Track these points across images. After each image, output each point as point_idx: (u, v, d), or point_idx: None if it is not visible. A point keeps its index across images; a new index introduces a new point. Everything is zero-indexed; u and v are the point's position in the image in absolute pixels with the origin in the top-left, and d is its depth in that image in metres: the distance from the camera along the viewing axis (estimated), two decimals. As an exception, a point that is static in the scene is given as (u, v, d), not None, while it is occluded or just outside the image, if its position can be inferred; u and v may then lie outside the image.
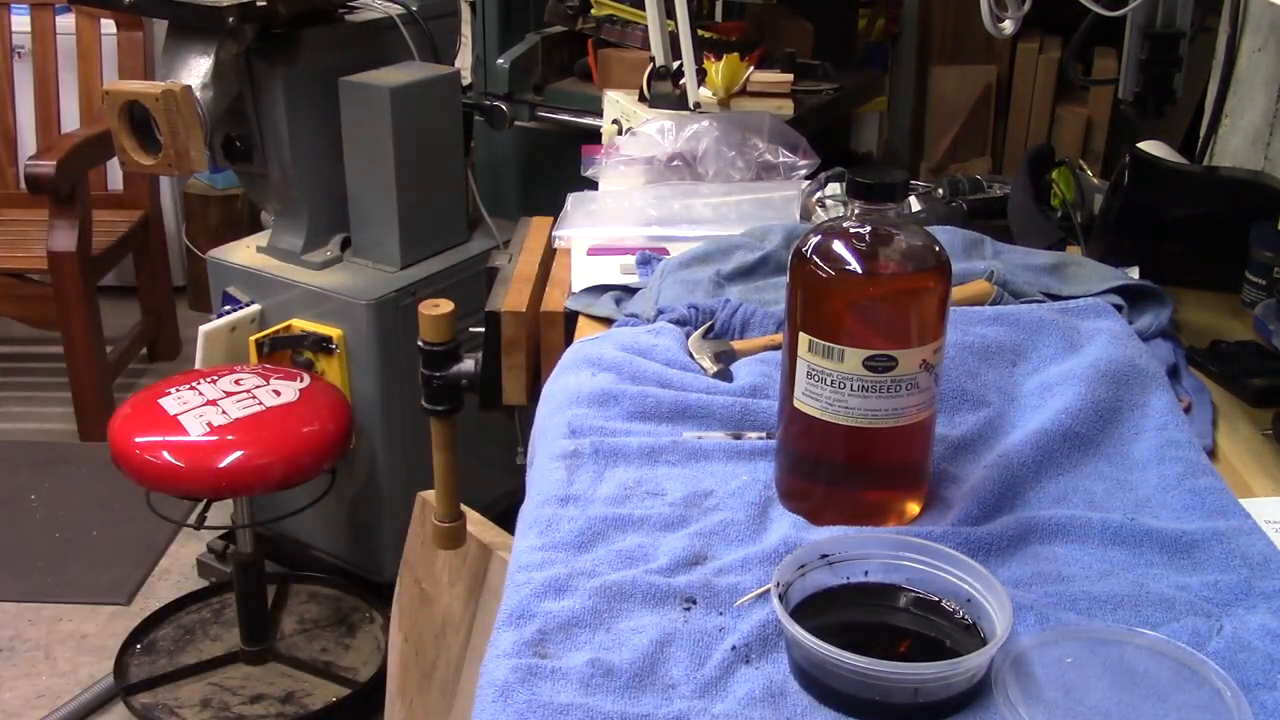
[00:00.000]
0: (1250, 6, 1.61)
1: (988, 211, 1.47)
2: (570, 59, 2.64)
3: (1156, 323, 1.19)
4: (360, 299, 2.30)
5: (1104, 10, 1.39)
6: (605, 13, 2.46)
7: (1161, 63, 1.43)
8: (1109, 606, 0.79)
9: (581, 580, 0.82)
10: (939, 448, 0.95)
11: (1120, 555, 0.85)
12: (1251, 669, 0.73)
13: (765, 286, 1.27)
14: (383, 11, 2.44)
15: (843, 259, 0.84)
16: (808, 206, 1.55)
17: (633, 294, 1.30)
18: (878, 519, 0.89)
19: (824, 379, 0.85)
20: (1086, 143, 3.06)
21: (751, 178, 1.66)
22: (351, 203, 2.41)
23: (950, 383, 1.03)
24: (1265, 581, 0.81)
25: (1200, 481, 0.93)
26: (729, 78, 1.90)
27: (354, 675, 2.30)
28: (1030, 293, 1.23)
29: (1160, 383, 1.04)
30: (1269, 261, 1.28)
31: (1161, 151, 1.45)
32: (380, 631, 2.41)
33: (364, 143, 2.32)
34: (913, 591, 0.79)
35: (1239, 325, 1.26)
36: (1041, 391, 1.04)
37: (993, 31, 1.47)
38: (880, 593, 0.80)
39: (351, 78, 2.30)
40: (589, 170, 1.70)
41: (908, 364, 0.83)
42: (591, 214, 1.54)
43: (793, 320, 0.87)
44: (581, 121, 2.49)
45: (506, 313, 1.32)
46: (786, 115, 1.94)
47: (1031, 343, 1.10)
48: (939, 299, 0.85)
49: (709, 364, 1.10)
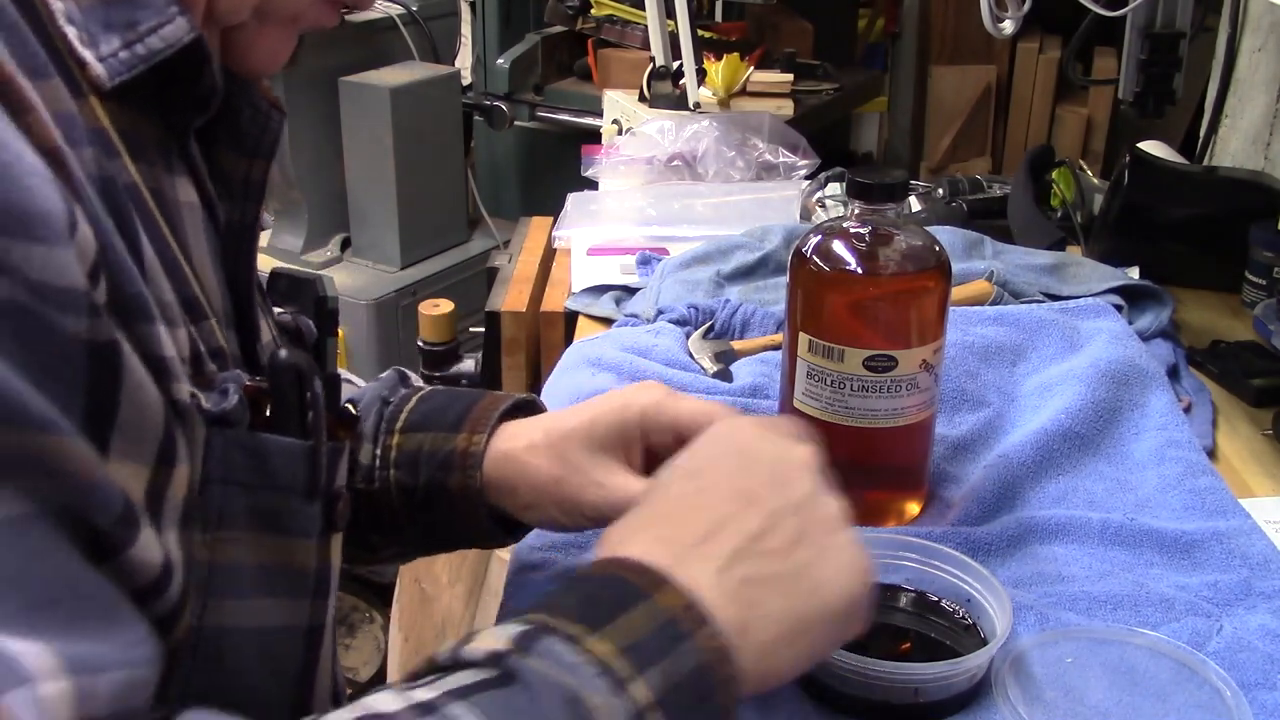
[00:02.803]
0: (1250, 6, 1.61)
1: (988, 211, 1.47)
2: (570, 59, 2.64)
3: (1156, 323, 1.19)
4: (360, 299, 2.30)
5: (1104, 10, 1.39)
6: (605, 13, 2.46)
7: (1161, 63, 1.42)
8: (1109, 606, 0.79)
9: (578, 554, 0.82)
10: (939, 448, 0.95)
11: (1120, 555, 0.85)
12: (1251, 669, 0.73)
13: (765, 286, 1.27)
14: (383, 11, 2.44)
15: (843, 259, 0.84)
16: (808, 206, 1.55)
17: (633, 294, 1.30)
18: (878, 519, 0.89)
19: (824, 379, 0.85)
20: (1086, 143, 3.06)
21: (751, 178, 1.66)
22: (351, 203, 2.41)
23: (950, 383, 1.03)
24: (1265, 581, 0.81)
25: (1200, 481, 0.93)
26: (729, 78, 1.90)
27: (354, 675, 2.31)
28: (1030, 293, 1.23)
29: (1160, 383, 1.04)
30: (1269, 261, 1.28)
31: (1161, 151, 1.45)
32: (380, 631, 2.41)
33: (364, 143, 2.32)
34: (913, 591, 0.79)
35: (1239, 325, 1.26)
36: (1041, 391, 1.04)
37: (993, 31, 1.47)
38: (880, 593, 0.80)
39: (351, 78, 2.30)
40: (589, 170, 1.70)
41: (908, 364, 0.83)
42: (591, 214, 1.54)
43: (793, 320, 0.87)
44: (581, 121, 2.49)
45: (506, 313, 1.32)
46: (786, 115, 1.94)
47: (1031, 343, 1.10)
48: (939, 299, 0.85)
49: (709, 364, 1.10)
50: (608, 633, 0.50)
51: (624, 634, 0.50)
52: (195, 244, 0.55)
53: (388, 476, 0.79)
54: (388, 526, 0.80)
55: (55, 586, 0.41)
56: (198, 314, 0.53)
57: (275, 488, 0.56)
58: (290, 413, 0.56)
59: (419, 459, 0.78)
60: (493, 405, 0.79)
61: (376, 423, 0.80)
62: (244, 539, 0.54)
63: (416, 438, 0.79)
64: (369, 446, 0.79)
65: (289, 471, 0.56)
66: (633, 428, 0.75)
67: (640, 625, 0.51)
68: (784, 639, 0.55)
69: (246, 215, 0.60)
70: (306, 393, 0.57)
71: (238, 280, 0.59)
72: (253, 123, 0.60)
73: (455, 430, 0.78)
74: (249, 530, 0.55)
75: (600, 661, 0.49)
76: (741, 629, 0.53)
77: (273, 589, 0.57)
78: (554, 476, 0.74)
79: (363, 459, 0.79)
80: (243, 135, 0.60)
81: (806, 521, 0.59)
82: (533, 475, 0.75)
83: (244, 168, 0.60)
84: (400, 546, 0.83)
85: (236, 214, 0.60)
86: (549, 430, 0.76)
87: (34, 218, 0.41)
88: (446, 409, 0.79)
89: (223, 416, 0.52)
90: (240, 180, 0.60)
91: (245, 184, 0.60)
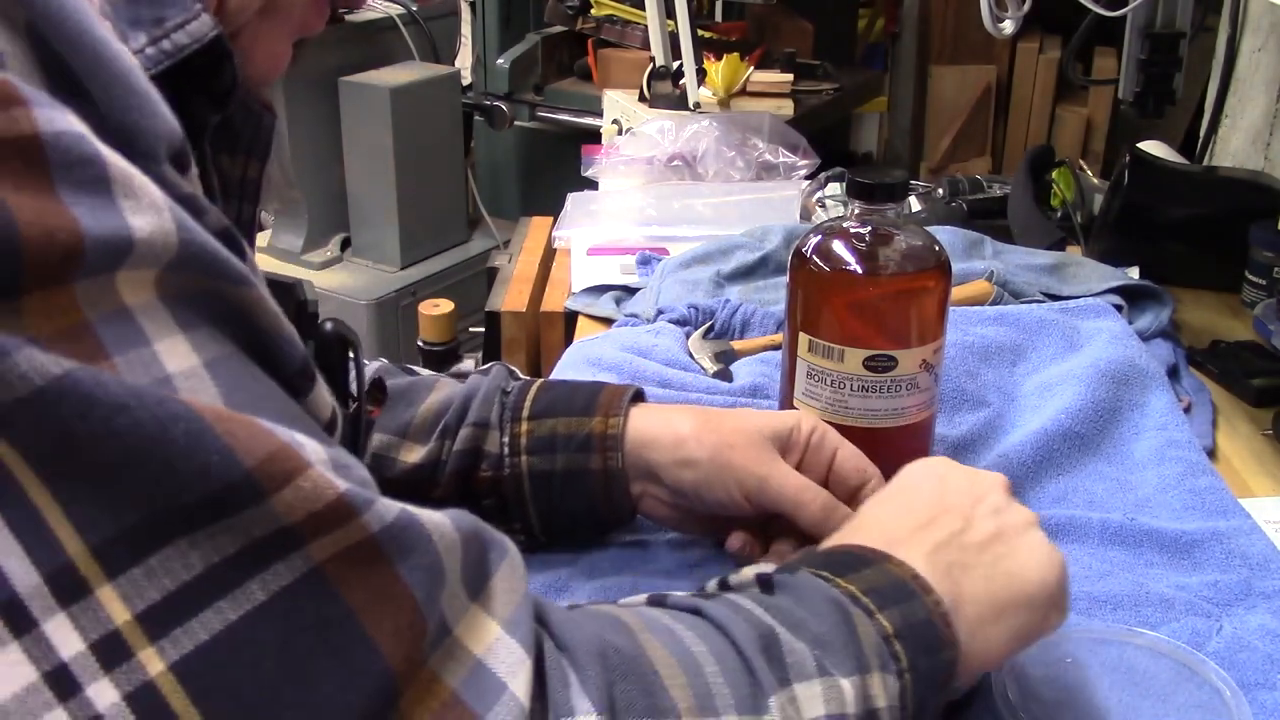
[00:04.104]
0: (1250, 6, 1.61)
1: (988, 211, 1.47)
2: (570, 59, 2.64)
3: (1156, 323, 1.19)
4: (360, 299, 2.31)
5: (1104, 10, 1.39)
6: (605, 13, 2.46)
7: (1161, 63, 1.42)
8: (1109, 606, 0.79)
9: (581, 581, 0.82)
10: (939, 448, 0.95)
11: (1120, 555, 0.85)
12: (1251, 669, 0.73)
13: (765, 286, 1.27)
14: (383, 11, 2.45)
15: (843, 259, 0.84)
16: (808, 206, 1.55)
17: (633, 294, 1.30)
18: (878, 519, 0.89)
19: (824, 379, 0.85)
20: (1086, 143, 3.07)
21: (751, 178, 1.66)
22: (351, 203, 2.41)
23: (950, 383, 1.03)
24: (1265, 581, 0.81)
25: (1200, 481, 0.92)
26: (729, 78, 1.90)
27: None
28: (1030, 293, 1.23)
29: (1160, 383, 1.04)
30: (1269, 261, 1.28)
31: (1161, 151, 1.45)
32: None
33: (364, 143, 2.32)
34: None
35: (1239, 325, 1.26)
36: (1041, 391, 1.04)
37: (993, 31, 1.47)
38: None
39: (351, 78, 2.30)
40: (589, 170, 1.70)
41: (908, 364, 0.83)
42: (591, 214, 1.54)
43: (793, 320, 0.87)
44: (581, 121, 2.49)
45: (506, 313, 1.32)
46: (786, 115, 1.94)
47: (1031, 343, 1.10)
48: (939, 299, 0.85)
49: (709, 364, 1.10)
50: (853, 579, 0.58)
51: (866, 581, 0.58)
52: None
53: (519, 463, 0.81)
54: (513, 514, 0.82)
55: (290, 407, 0.46)
56: None
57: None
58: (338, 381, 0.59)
59: (555, 443, 0.80)
60: (618, 393, 0.82)
61: (500, 412, 0.82)
62: None
63: (548, 423, 0.81)
64: (495, 435, 0.81)
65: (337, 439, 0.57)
66: (801, 435, 0.79)
67: (877, 579, 0.58)
68: (989, 618, 0.61)
69: (244, 215, 0.61)
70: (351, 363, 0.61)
71: None
72: (245, 124, 0.61)
73: (588, 414, 0.80)
74: None
75: (851, 593, 0.56)
76: (954, 603, 0.59)
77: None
78: (716, 443, 0.77)
79: (489, 447, 0.81)
80: (236, 136, 0.61)
81: (1000, 523, 0.65)
82: (696, 448, 0.77)
83: (239, 168, 0.61)
84: (520, 535, 0.83)
85: (233, 213, 0.61)
86: (699, 412, 0.81)
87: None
88: (572, 396, 0.82)
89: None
90: (236, 180, 0.61)
91: (241, 184, 0.61)
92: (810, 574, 0.58)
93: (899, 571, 0.59)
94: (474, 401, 0.83)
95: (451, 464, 0.82)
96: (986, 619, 0.60)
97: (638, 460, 0.79)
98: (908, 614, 0.56)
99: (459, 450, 0.82)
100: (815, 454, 0.79)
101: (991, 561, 0.62)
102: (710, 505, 0.78)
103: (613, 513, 0.82)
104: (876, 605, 0.56)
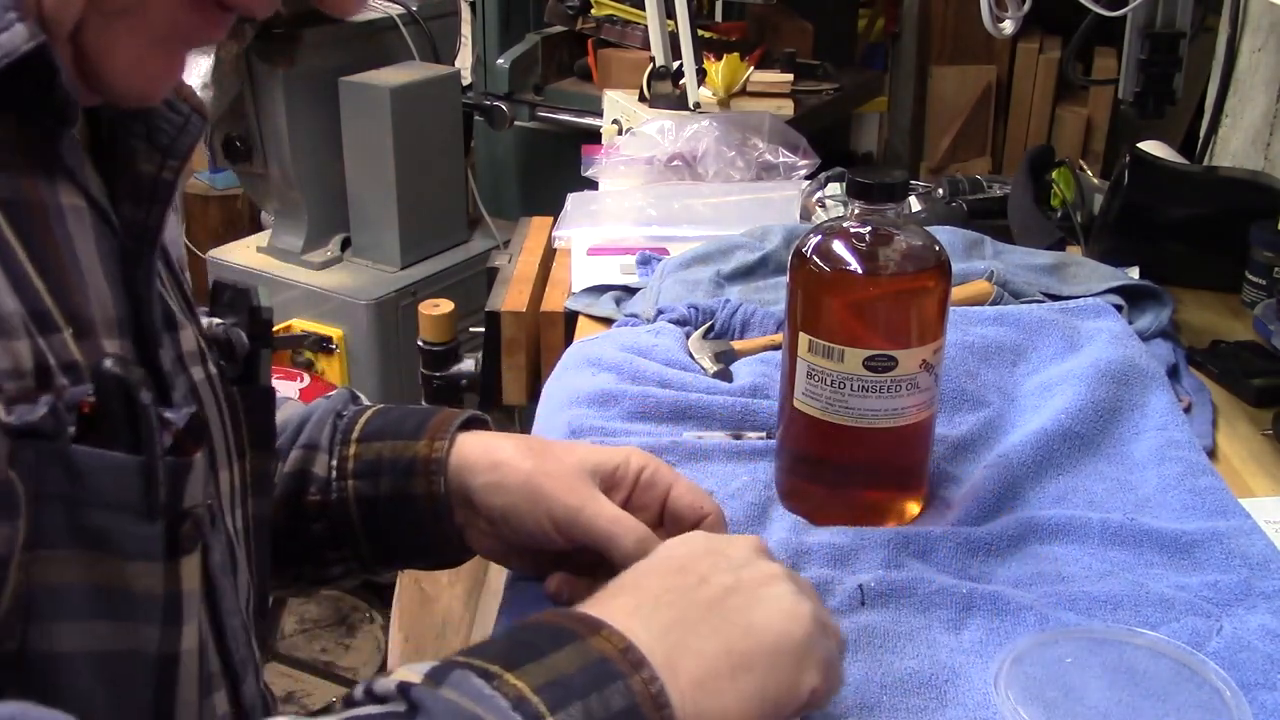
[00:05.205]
0: (1250, 6, 1.61)
1: (988, 211, 1.47)
2: (570, 59, 2.64)
3: (1156, 323, 1.19)
4: (360, 299, 2.31)
5: (1104, 10, 1.39)
6: (605, 13, 2.46)
7: (1161, 63, 1.42)
8: (1109, 606, 0.79)
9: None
10: (939, 448, 0.95)
11: (1120, 555, 0.85)
12: (1251, 669, 0.73)
13: (765, 286, 1.27)
14: (383, 11, 2.44)
15: (843, 259, 0.84)
16: (808, 206, 1.55)
17: (633, 294, 1.30)
18: (877, 519, 0.89)
19: (824, 379, 0.85)
20: (1086, 143, 3.06)
21: (751, 178, 1.66)
22: (351, 203, 2.41)
23: (950, 383, 1.03)
24: (1265, 581, 0.81)
25: (1200, 481, 0.92)
26: (729, 78, 1.90)
27: (354, 675, 2.31)
28: (1030, 293, 1.23)
29: (1160, 383, 1.04)
30: (1269, 261, 1.28)
31: (1161, 151, 1.45)
32: (380, 631, 2.41)
33: (364, 143, 2.32)
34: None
35: (1239, 325, 1.26)
36: (1041, 391, 1.04)
37: (993, 31, 1.47)
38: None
39: (351, 78, 2.30)
40: (589, 170, 1.70)
41: (908, 364, 0.83)
42: (591, 214, 1.54)
43: (793, 320, 0.87)
44: (581, 121, 2.49)
45: (506, 313, 1.32)
46: (786, 115, 1.94)
47: (1031, 343, 1.10)
48: (939, 299, 0.85)
49: (709, 364, 1.10)
50: (528, 670, 0.52)
51: (550, 671, 0.52)
52: (81, 249, 0.53)
53: (346, 487, 0.78)
54: (343, 540, 0.79)
55: None
56: (46, 326, 0.50)
57: (104, 505, 0.52)
58: (118, 426, 0.52)
59: (380, 467, 0.78)
60: (450, 417, 0.79)
61: (331, 434, 0.80)
62: (71, 559, 0.51)
63: (375, 446, 0.79)
64: (324, 458, 0.79)
65: (118, 488, 0.52)
66: (629, 471, 0.77)
67: (567, 664, 0.53)
68: (723, 673, 0.57)
69: (151, 216, 0.58)
70: (135, 406, 0.53)
71: (136, 282, 0.57)
72: (170, 123, 0.59)
73: (415, 438, 0.78)
74: (75, 549, 0.51)
75: (516, 695, 0.50)
76: (669, 665, 0.55)
77: (112, 612, 0.53)
78: (531, 470, 0.75)
79: (318, 470, 0.79)
80: (158, 132, 0.58)
81: (740, 577, 0.62)
82: (510, 473, 0.75)
83: (155, 167, 0.58)
84: (353, 563, 0.81)
85: (141, 214, 0.57)
86: (526, 439, 0.77)
87: None
88: (403, 420, 0.80)
89: (28, 429, 0.48)
90: (149, 179, 0.58)
91: (154, 183, 0.58)
92: (474, 674, 0.51)
93: (603, 648, 0.54)
94: (308, 424, 0.80)
95: (280, 487, 0.78)
96: (721, 673, 0.57)
97: (459, 486, 0.76)
98: (604, 702, 0.52)
99: (287, 473, 0.79)
100: (646, 491, 0.77)
101: (723, 615, 0.60)
102: (524, 537, 0.76)
103: (443, 543, 0.79)
104: (551, 705, 0.51)
